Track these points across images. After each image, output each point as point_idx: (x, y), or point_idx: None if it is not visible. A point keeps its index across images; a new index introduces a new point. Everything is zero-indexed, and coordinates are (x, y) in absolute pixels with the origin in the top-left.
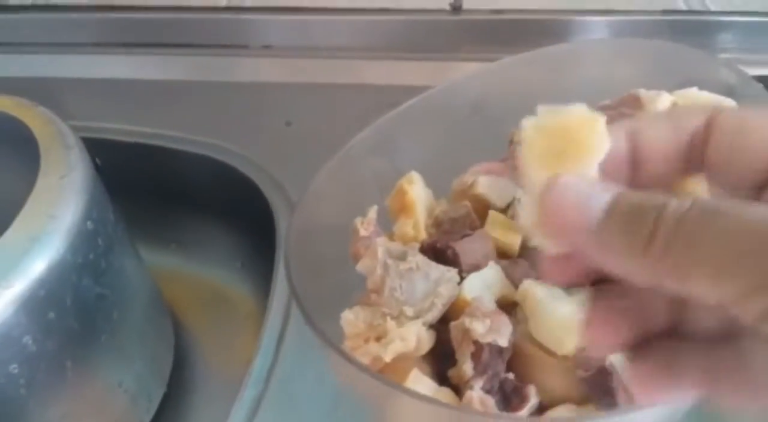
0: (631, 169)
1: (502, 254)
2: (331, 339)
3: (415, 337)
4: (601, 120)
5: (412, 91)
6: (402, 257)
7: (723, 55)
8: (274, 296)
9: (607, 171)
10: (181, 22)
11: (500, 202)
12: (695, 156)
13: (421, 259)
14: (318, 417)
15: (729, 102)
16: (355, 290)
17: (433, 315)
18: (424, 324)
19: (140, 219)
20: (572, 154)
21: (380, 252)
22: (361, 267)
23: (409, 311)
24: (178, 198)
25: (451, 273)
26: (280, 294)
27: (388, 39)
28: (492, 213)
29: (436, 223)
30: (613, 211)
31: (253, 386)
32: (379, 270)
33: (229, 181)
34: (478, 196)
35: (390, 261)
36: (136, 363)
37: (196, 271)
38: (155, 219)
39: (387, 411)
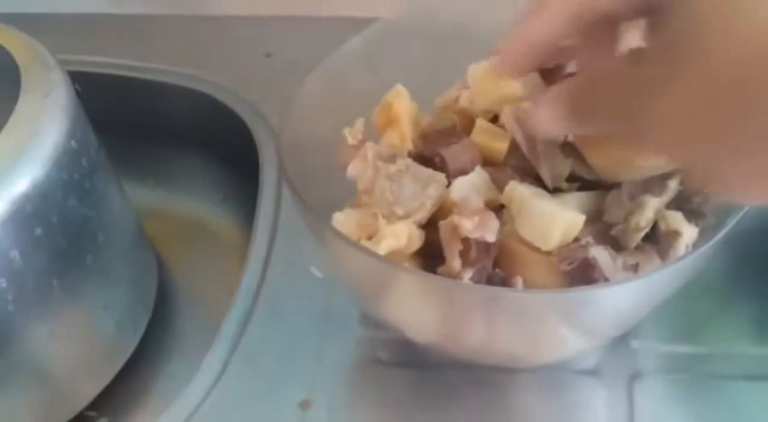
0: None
1: (489, 161)
2: (333, 227)
3: (406, 234)
4: None
5: None
6: (391, 160)
7: None
8: (259, 222)
9: None
10: None
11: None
12: None
13: (410, 162)
14: (307, 329)
15: None
16: (343, 201)
17: (423, 214)
18: (414, 222)
19: (120, 153)
20: None
21: (370, 155)
22: (351, 170)
23: (400, 210)
24: (159, 131)
25: (440, 175)
26: (265, 221)
27: None
28: (479, 121)
29: (422, 135)
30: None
31: (242, 302)
32: (369, 172)
33: (210, 112)
34: (464, 110)
35: (380, 164)
36: (121, 288)
37: (177, 205)
38: (135, 153)
39: (380, 303)
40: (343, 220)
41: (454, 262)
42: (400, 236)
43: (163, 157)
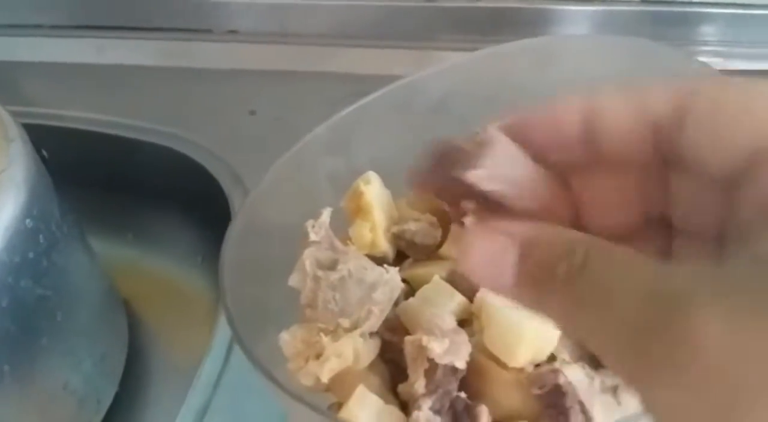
0: (587, 150)
1: None
2: (262, 362)
3: (351, 351)
4: None
5: (383, 80)
6: (332, 266)
7: (704, 48)
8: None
9: (558, 150)
10: (142, 4)
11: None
12: (663, 142)
13: (353, 265)
14: None
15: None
16: None
17: (371, 323)
18: (362, 334)
19: (96, 212)
20: None
21: (308, 265)
22: (292, 282)
23: (346, 323)
24: (138, 188)
25: (390, 274)
26: None
27: (359, 26)
28: (454, 227)
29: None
30: (521, 272)
31: (201, 392)
32: (309, 284)
33: (188, 173)
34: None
35: (320, 273)
36: (83, 364)
37: (154, 265)
38: (112, 212)
39: None
40: (289, 340)
41: (418, 383)
42: (345, 355)
43: (141, 215)
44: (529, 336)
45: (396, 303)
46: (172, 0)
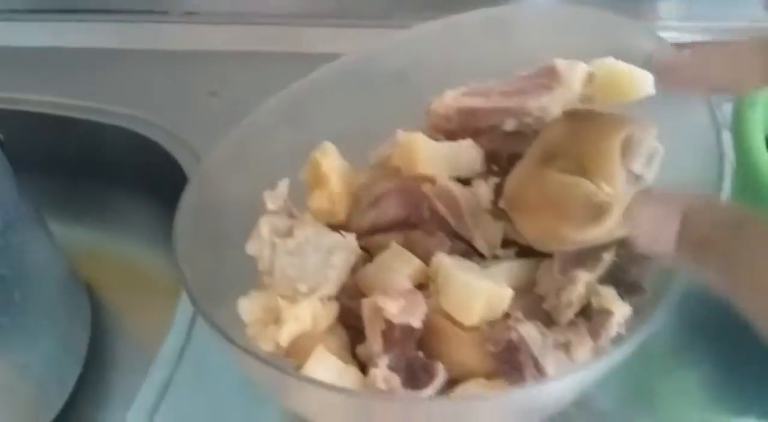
0: None
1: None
2: (220, 326)
3: (309, 315)
4: None
5: None
6: (289, 233)
7: (664, 21)
8: None
9: None
10: None
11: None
12: None
13: (310, 232)
14: (228, 399)
15: (644, 73)
16: None
17: (329, 287)
18: (320, 299)
19: (56, 195)
20: None
21: (265, 232)
22: (249, 250)
23: (303, 287)
24: (99, 171)
25: (347, 239)
26: None
27: (320, 5)
28: None
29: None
30: (683, 238)
31: (163, 367)
32: (266, 251)
33: (149, 155)
34: (398, 169)
35: (277, 240)
36: (44, 345)
37: (117, 247)
38: (73, 195)
39: (293, 397)
40: (248, 306)
41: (375, 344)
42: (303, 319)
43: (103, 198)
44: (483, 295)
45: (354, 271)
46: None
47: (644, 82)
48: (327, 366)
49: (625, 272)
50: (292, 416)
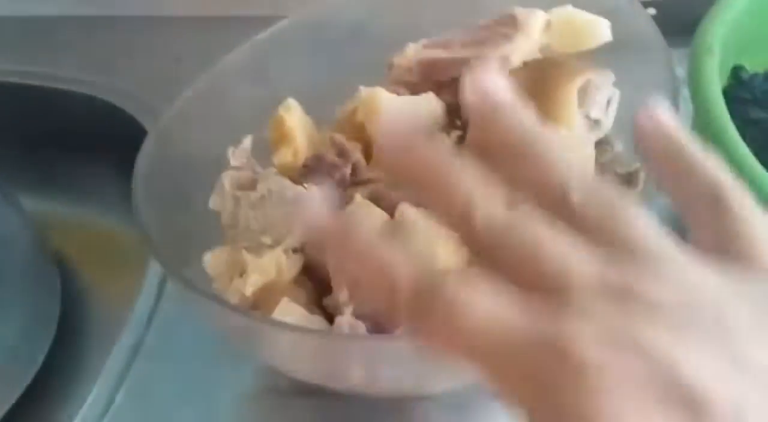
0: None
1: None
2: (189, 280)
3: (274, 266)
4: None
5: None
6: (252, 186)
7: None
8: None
9: None
10: None
11: None
12: None
13: (273, 184)
14: (197, 366)
15: (601, 20)
16: None
17: (293, 239)
18: (284, 250)
19: (20, 166)
20: None
21: (227, 186)
22: (212, 204)
23: (267, 240)
24: (65, 141)
25: (311, 191)
26: None
27: None
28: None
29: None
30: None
31: (133, 331)
32: (229, 205)
33: (115, 122)
34: (362, 124)
35: (239, 193)
36: (14, 316)
37: (85, 216)
38: (37, 165)
39: (262, 345)
40: (213, 261)
41: (341, 293)
42: (267, 270)
43: (70, 167)
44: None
45: None
46: None
47: (601, 29)
48: (293, 316)
49: None
50: (262, 378)
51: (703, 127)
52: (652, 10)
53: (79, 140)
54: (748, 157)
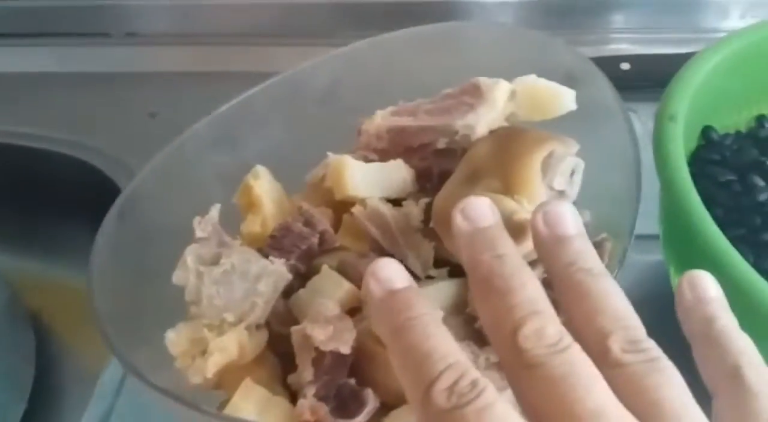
0: None
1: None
2: (135, 366)
3: (236, 345)
4: None
5: None
6: (215, 261)
7: (615, 35)
8: None
9: None
10: (36, 10)
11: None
12: None
13: (237, 259)
14: None
15: (565, 90)
16: None
17: (256, 315)
18: (247, 327)
19: None
20: None
21: (190, 261)
22: (175, 279)
23: (230, 317)
24: (38, 200)
25: (275, 265)
26: None
27: (259, 24)
28: (346, 218)
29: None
30: None
31: (103, 399)
32: (192, 280)
33: (90, 180)
34: (330, 190)
35: (203, 268)
36: None
37: (61, 276)
38: (14, 224)
39: None
40: (175, 339)
41: (306, 372)
42: (229, 349)
43: (44, 225)
44: None
45: (288, 296)
46: (67, 5)
47: (566, 99)
48: (254, 398)
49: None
50: None
51: (667, 195)
52: (626, 65)
53: (55, 199)
54: (711, 225)
